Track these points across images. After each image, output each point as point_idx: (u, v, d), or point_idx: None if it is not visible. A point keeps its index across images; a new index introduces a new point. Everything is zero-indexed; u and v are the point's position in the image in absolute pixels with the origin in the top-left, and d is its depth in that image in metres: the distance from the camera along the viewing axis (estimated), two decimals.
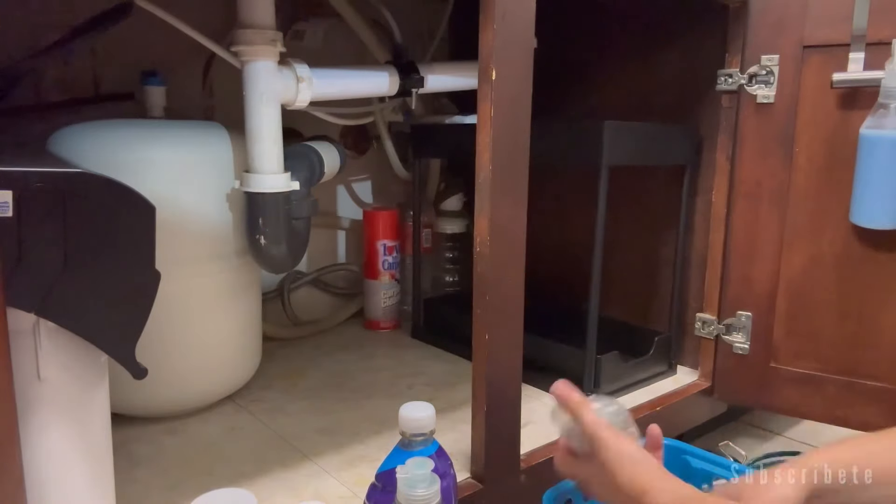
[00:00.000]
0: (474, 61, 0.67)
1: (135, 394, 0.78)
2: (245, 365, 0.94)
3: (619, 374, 0.99)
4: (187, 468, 0.76)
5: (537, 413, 0.92)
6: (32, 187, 0.45)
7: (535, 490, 0.79)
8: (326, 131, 1.07)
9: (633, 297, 1.16)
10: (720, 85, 0.98)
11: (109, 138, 0.78)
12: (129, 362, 0.53)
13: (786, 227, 0.94)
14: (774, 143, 0.94)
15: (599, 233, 0.92)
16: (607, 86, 1.17)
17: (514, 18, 0.65)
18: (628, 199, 1.13)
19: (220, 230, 0.84)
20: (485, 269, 0.68)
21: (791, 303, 0.95)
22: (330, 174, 0.97)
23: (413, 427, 0.56)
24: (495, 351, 0.70)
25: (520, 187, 0.69)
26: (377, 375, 1.04)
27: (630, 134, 0.94)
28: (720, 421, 1.14)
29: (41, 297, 0.47)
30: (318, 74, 0.84)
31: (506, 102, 0.66)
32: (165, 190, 0.78)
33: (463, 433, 0.77)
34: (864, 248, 0.89)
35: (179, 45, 0.85)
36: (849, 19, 0.86)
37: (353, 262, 1.34)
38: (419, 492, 0.47)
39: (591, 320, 0.93)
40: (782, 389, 0.97)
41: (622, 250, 1.15)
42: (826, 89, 0.89)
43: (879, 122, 0.83)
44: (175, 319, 0.82)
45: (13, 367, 0.46)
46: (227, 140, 0.84)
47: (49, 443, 0.50)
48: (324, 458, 0.79)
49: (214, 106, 1.10)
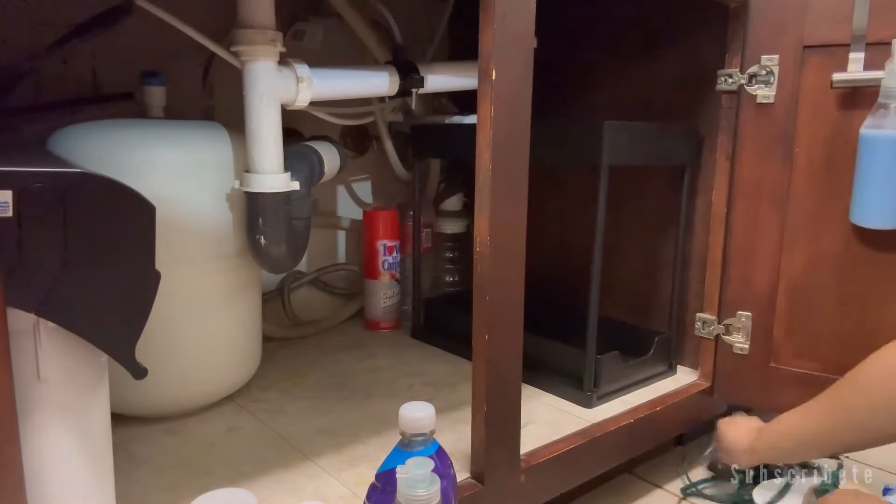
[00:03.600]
0: (474, 61, 0.67)
1: (135, 394, 0.78)
2: (245, 365, 0.94)
3: (619, 374, 0.99)
4: (187, 468, 0.76)
5: (537, 413, 0.92)
6: (32, 187, 0.45)
7: (535, 490, 0.79)
8: (326, 131, 1.07)
9: (633, 298, 1.16)
10: (720, 85, 0.98)
11: (109, 138, 0.78)
12: (129, 362, 0.53)
13: (786, 227, 0.94)
14: (774, 143, 0.94)
15: (599, 233, 0.92)
16: (607, 86, 1.17)
17: (514, 18, 0.65)
18: (628, 199, 1.13)
19: (220, 230, 0.84)
20: (485, 269, 0.68)
21: (791, 303, 0.95)
22: (330, 174, 0.97)
23: (413, 427, 0.56)
24: (495, 351, 0.70)
25: (520, 187, 0.69)
26: (377, 375, 1.04)
27: (630, 134, 0.94)
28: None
29: (41, 297, 0.47)
30: (318, 74, 0.84)
31: (506, 102, 0.66)
32: (165, 190, 0.78)
33: (463, 433, 0.77)
34: (864, 248, 0.89)
35: (179, 45, 0.85)
36: (849, 19, 0.86)
37: (353, 262, 1.34)
38: (419, 492, 0.47)
39: (591, 320, 0.93)
40: (782, 389, 0.97)
41: (622, 250, 1.16)
42: (826, 89, 0.89)
43: (879, 122, 0.83)
44: (175, 319, 0.82)
45: (13, 367, 0.46)
46: (227, 140, 0.84)
47: (49, 443, 0.50)
48: (324, 458, 0.79)
49: (214, 106, 1.10)
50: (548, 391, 0.99)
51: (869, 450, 0.85)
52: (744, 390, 1.01)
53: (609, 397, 0.97)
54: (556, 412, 0.93)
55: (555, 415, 0.92)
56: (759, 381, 0.99)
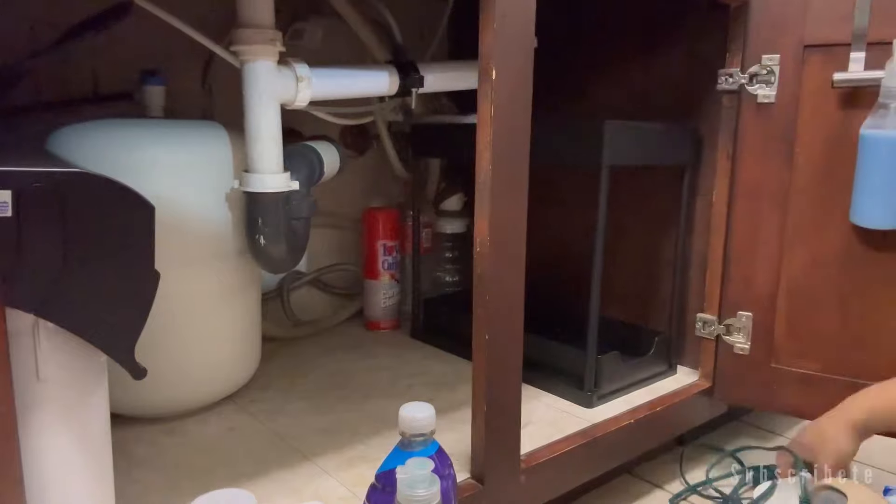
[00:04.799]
0: (474, 61, 0.67)
1: (135, 394, 0.78)
2: (245, 365, 0.94)
3: (619, 374, 0.99)
4: (187, 468, 0.76)
5: (537, 413, 0.92)
6: (32, 187, 0.45)
7: (535, 490, 0.79)
8: (326, 131, 1.07)
9: (633, 297, 1.16)
10: (721, 85, 0.98)
11: (109, 138, 0.78)
12: (129, 362, 0.53)
13: (786, 227, 0.94)
14: (775, 143, 0.94)
15: (600, 233, 0.92)
16: (607, 86, 1.17)
17: (514, 18, 0.65)
18: (629, 198, 1.13)
19: (219, 230, 0.84)
20: (485, 269, 0.68)
21: (791, 303, 0.95)
22: (330, 174, 0.97)
23: (413, 427, 0.56)
24: (495, 351, 0.70)
25: (520, 187, 0.69)
26: (377, 375, 1.04)
27: (630, 134, 0.94)
28: (720, 421, 1.14)
29: (41, 297, 0.47)
30: (317, 74, 0.84)
31: (506, 102, 0.66)
32: (165, 190, 0.78)
33: (463, 433, 0.77)
34: (865, 248, 0.89)
35: (179, 45, 0.85)
36: (850, 19, 0.86)
37: (353, 262, 1.34)
38: (419, 492, 0.47)
39: (591, 320, 0.93)
40: (783, 390, 0.97)
41: (622, 250, 1.15)
42: (827, 89, 0.89)
43: (879, 122, 0.83)
44: (175, 319, 0.82)
45: (13, 367, 0.46)
46: (226, 140, 0.84)
47: (48, 443, 0.50)
48: (324, 458, 0.79)
49: (214, 106, 1.10)
50: (548, 391, 0.99)
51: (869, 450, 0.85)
52: (744, 390, 1.01)
53: (609, 397, 0.97)
54: (557, 412, 0.93)
55: (555, 415, 0.92)
56: (760, 382, 0.99)
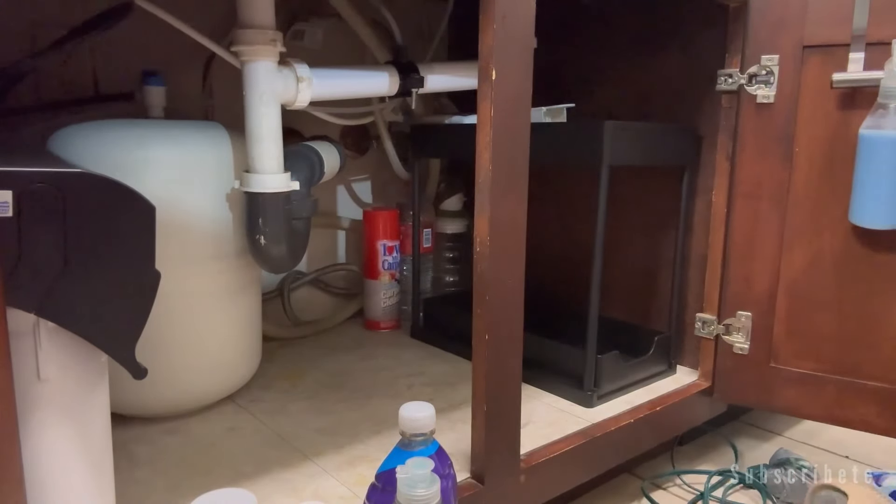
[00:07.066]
0: (474, 61, 0.67)
1: (135, 394, 0.78)
2: (245, 365, 0.94)
3: (619, 374, 0.99)
4: (187, 468, 0.76)
5: (537, 413, 0.92)
6: (32, 187, 0.45)
7: (535, 490, 0.79)
8: (326, 131, 1.07)
9: (633, 297, 1.16)
10: (720, 85, 0.98)
11: (109, 138, 0.78)
12: (129, 362, 0.53)
13: (786, 227, 0.94)
14: (774, 144, 0.94)
15: (600, 233, 0.92)
16: (607, 86, 1.17)
17: (514, 18, 0.65)
18: (628, 198, 1.13)
19: (219, 230, 0.84)
20: (485, 269, 0.68)
21: (791, 303, 0.95)
22: (330, 174, 0.97)
23: (413, 427, 0.56)
24: (495, 351, 0.70)
25: (520, 187, 0.69)
26: (377, 375, 1.04)
27: (630, 134, 0.94)
28: (720, 421, 1.14)
29: (41, 297, 0.47)
30: (318, 74, 0.84)
31: (506, 102, 0.66)
32: (165, 190, 0.78)
33: (463, 433, 0.78)
34: (864, 248, 0.89)
35: (179, 45, 0.85)
36: (849, 19, 0.86)
37: (353, 262, 1.34)
38: (419, 492, 0.47)
39: (591, 320, 0.93)
40: (782, 389, 0.97)
41: (622, 250, 1.16)
42: (826, 89, 0.89)
43: (879, 122, 0.83)
44: (175, 319, 0.82)
45: (13, 367, 0.46)
46: (227, 140, 0.84)
47: (49, 443, 0.50)
48: (324, 458, 0.79)
49: (214, 106, 1.10)
50: (548, 391, 0.99)
51: (869, 450, 0.85)
52: (744, 390, 1.01)
53: (609, 397, 0.97)
54: (557, 412, 0.93)
55: (555, 415, 0.92)
56: (760, 382, 0.99)
